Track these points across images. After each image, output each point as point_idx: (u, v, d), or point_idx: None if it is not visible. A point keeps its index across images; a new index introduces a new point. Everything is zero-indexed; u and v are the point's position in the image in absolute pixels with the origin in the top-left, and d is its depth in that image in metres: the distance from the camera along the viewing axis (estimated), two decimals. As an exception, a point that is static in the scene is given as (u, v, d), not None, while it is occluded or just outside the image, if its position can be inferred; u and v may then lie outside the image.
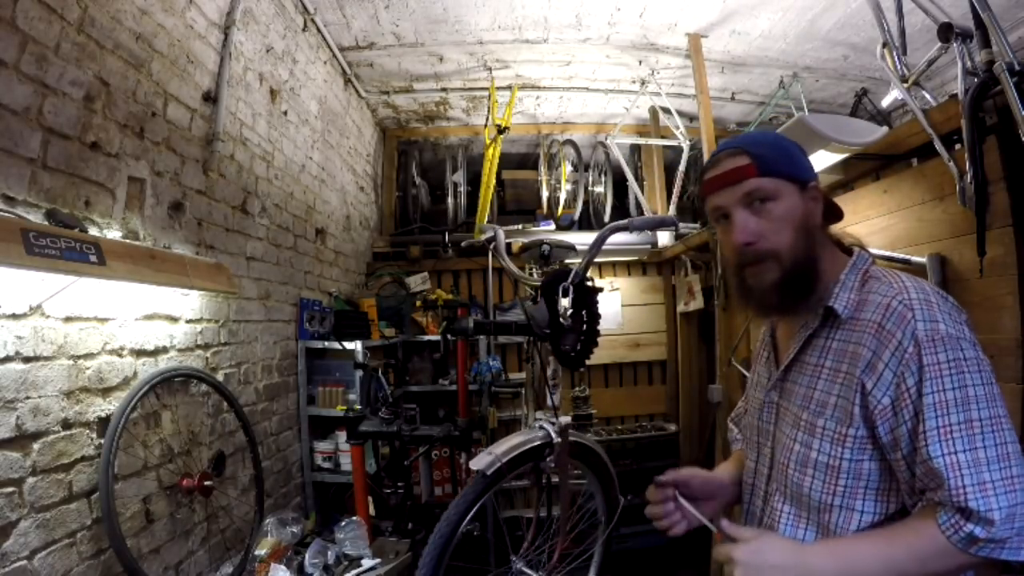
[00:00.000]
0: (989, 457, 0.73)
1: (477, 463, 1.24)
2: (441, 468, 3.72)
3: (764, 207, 0.88)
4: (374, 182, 4.53)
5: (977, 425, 0.74)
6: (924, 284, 0.83)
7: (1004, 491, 0.72)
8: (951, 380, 0.75)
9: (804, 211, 0.88)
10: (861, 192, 1.95)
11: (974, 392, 0.75)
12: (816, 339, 0.91)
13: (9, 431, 1.26)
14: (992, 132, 1.38)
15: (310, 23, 2.96)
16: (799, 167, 0.90)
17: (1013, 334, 1.35)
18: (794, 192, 0.88)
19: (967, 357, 0.76)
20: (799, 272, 0.88)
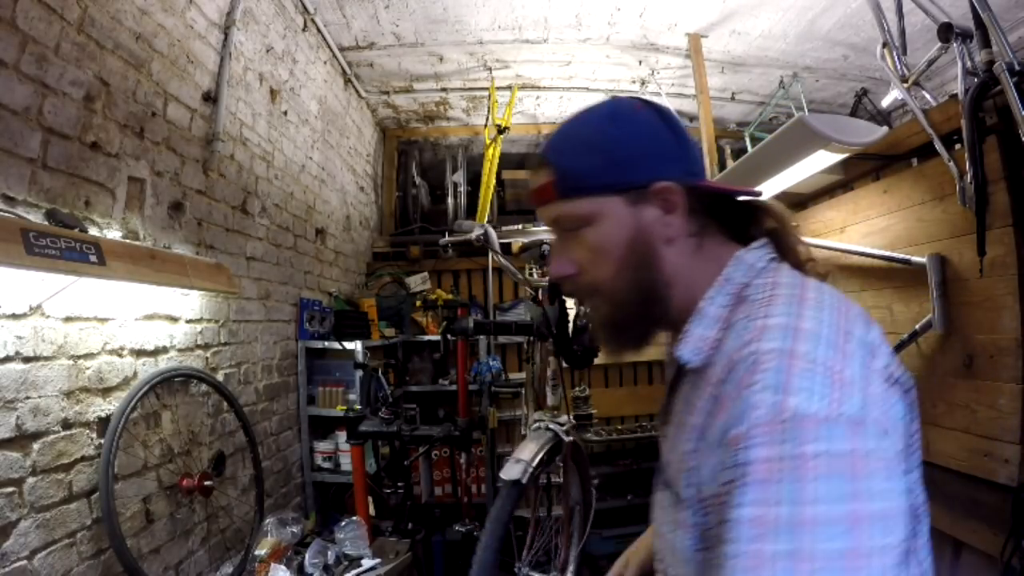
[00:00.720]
0: None
1: (509, 473, 1.23)
2: (441, 468, 3.72)
3: (578, 234, 0.65)
4: (374, 182, 4.53)
5: (807, 566, 0.43)
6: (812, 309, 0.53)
7: None
8: (785, 490, 0.45)
9: (634, 229, 0.63)
10: (861, 192, 1.95)
11: (822, 512, 0.44)
12: (678, 383, 0.67)
13: (9, 431, 1.26)
14: (992, 132, 1.38)
15: (310, 23, 2.96)
16: (627, 167, 0.63)
17: (1013, 334, 1.35)
18: (618, 206, 0.63)
19: (829, 453, 0.45)
20: (632, 312, 0.66)
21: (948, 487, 1.56)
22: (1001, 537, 1.31)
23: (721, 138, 4.19)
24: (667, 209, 0.63)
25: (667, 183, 0.62)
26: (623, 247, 0.63)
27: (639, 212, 0.63)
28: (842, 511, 0.44)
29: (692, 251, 0.65)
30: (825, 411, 0.46)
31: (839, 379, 0.48)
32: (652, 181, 0.62)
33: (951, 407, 1.54)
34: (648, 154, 0.63)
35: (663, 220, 0.63)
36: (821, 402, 0.47)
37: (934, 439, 1.59)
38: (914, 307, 1.68)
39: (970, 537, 1.45)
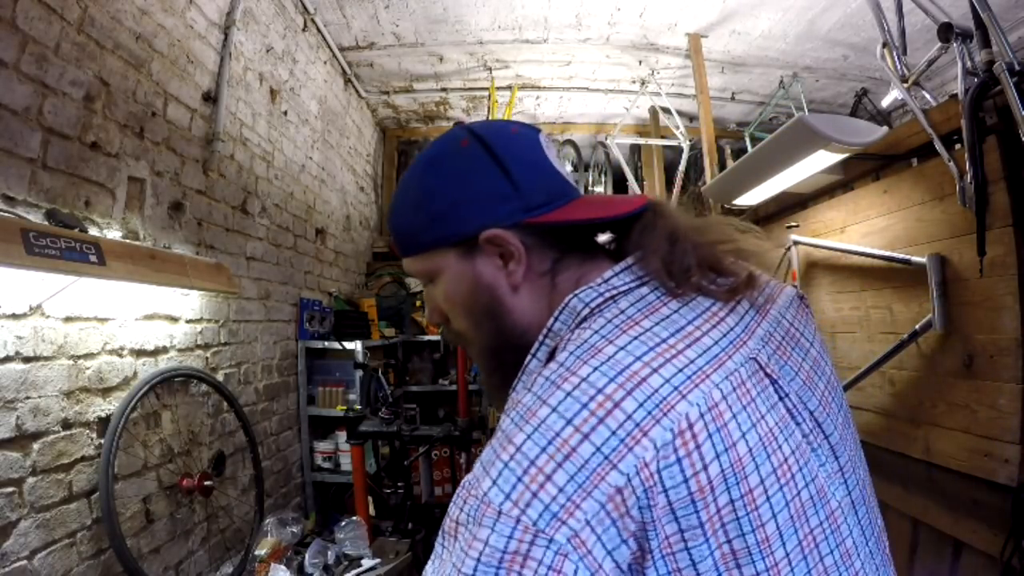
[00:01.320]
0: None
1: None
2: (441, 468, 3.72)
3: (434, 285, 0.63)
4: (374, 182, 4.53)
5: None
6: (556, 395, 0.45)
7: None
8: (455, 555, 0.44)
9: (471, 283, 0.60)
10: (861, 192, 1.95)
11: None
12: None
13: (9, 431, 1.26)
14: (992, 132, 1.38)
15: (310, 23, 2.96)
16: (448, 221, 0.59)
17: (1013, 334, 1.35)
18: (453, 260, 0.60)
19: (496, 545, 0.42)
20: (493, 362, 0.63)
21: (948, 487, 1.56)
22: (1001, 537, 1.31)
23: (721, 138, 4.19)
24: (503, 256, 0.58)
25: (494, 231, 0.56)
26: (466, 300, 0.61)
27: (473, 264, 0.59)
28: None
29: (547, 292, 0.59)
30: (504, 507, 0.42)
31: (537, 484, 0.42)
32: (479, 230, 0.57)
33: (951, 407, 1.54)
34: (469, 200, 0.58)
35: (502, 269, 0.58)
36: (503, 498, 0.43)
37: (934, 439, 1.59)
38: (914, 307, 1.68)
39: (970, 537, 1.45)
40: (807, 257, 2.22)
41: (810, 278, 2.21)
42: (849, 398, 1.63)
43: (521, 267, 0.58)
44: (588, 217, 0.59)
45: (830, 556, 0.48)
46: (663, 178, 4.53)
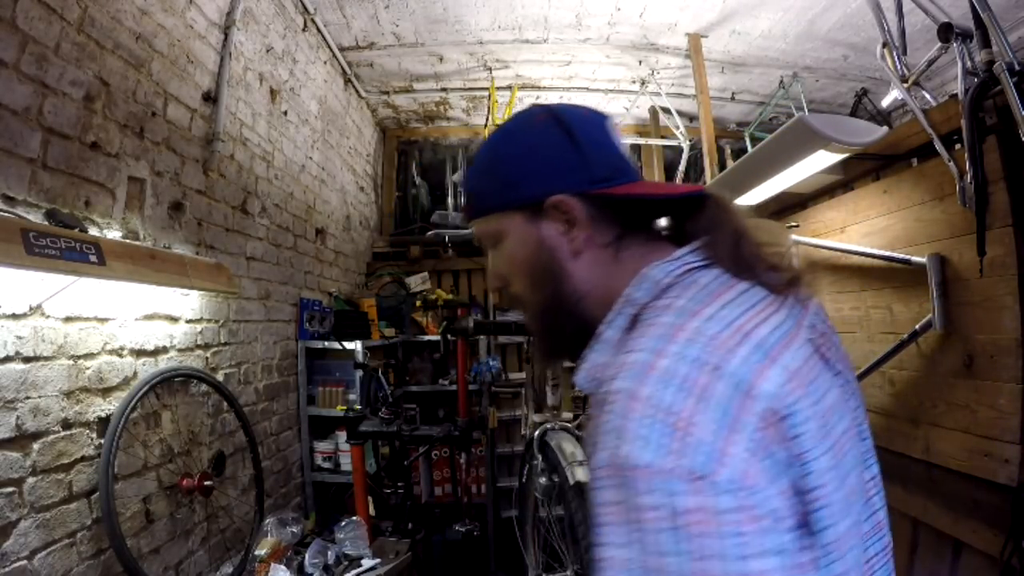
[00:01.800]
0: None
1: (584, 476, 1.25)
2: (441, 468, 3.72)
3: (497, 249, 0.67)
4: (374, 182, 4.53)
5: None
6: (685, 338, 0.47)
7: None
8: (624, 536, 0.43)
9: (534, 245, 0.63)
10: (861, 192, 1.95)
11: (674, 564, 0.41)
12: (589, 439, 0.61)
13: (9, 431, 1.26)
14: (992, 132, 1.38)
15: (310, 23, 2.96)
16: (518, 185, 0.63)
17: (1013, 334, 1.35)
18: (519, 223, 0.63)
19: (669, 507, 0.41)
20: (547, 324, 0.66)
21: (948, 487, 1.56)
22: (1001, 537, 1.31)
23: (721, 138, 4.19)
24: (567, 222, 0.61)
25: (560, 196, 0.60)
26: (528, 262, 0.64)
27: (538, 228, 0.62)
28: (691, 568, 0.41)
29: (608, 262, 0.61)
30: (659, 463, 0.41)
31: (684, 429, 0.42)
32: (545, 196, 0.61)
33: (951, 407, 1.54)
34: (538, 170, 0.62)
35: (565, 234, 0.62)
36: (654, 454, 0.42)
37: (934, 439, 1.59)
38: (914, 307, 1.68)
39: (970, 537, 1.45)
40: (807, 257, 2.22)
41: (810, 278, 2.21)
42: (849, 398, 1.56)
43: (583, 234, 0.61)
44: (649, 193, 0.64)
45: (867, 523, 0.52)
46: (663, 178, 4.53)
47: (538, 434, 1.46)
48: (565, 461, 1.30)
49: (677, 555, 0.41)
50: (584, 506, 1.25)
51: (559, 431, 1.43)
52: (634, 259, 0.60)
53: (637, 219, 0.62)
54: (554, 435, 1.42)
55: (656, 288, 0.55)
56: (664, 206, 0.64)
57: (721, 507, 0.41)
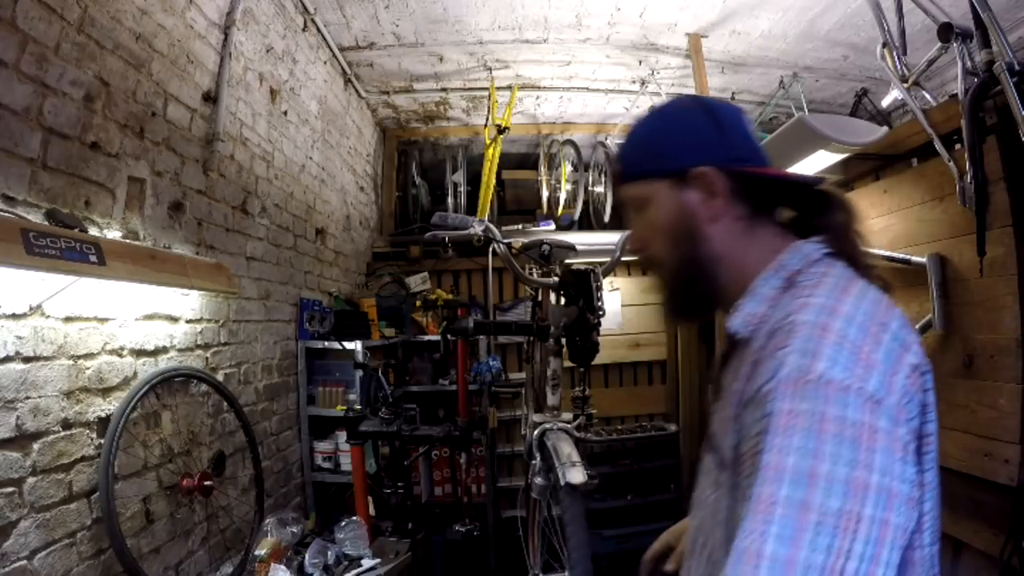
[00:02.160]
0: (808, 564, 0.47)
1: (576, 478, 1.24)
2: (441, 468, 3.73)
3: (640, 214, 0.76)
4: (374, 182, 4.53)
5: (813, 516, 0.48)
6: (853, 301, 0.57)
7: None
8: (802, 440, 0.50)
9: (677, 209, 0.71)
10: (861, 192, 1.95)
11: (830, 470, 0.49)
12: (729, 357, 0.71)
13: (9, 431, 1.26)
14: (992, 132, 1.38)
15: (310, 23, 2.96)
16: (668, 156, 0.72)
17: (1013, 334, 1.36)
18: (664, 190, 0.72)
19: (846, 419, 0.50)
20: (683, 287, 0.74)
21: (948, 487, 1.55)
22: (1001, 537, 1.31)
23: (721, 138, 4.18)
24: (708, 191, 0.70)
25: (704, 168, 0.69)
26: (670, 224, 0.72)
27: (682, 194, 0.71)
28: (846, 474, 0.49)
29: (741, 233, 0.71)
30: (847, 381, 0.51)
31: (865, 359, 0.53)
32: (691, 167, 0.70)
33: (951, 407, 1.54)
34: (687, 145, 0.72)
35: (705, 201, 0.70)
36: (844, 372, 0.52)
37: (934, 439, 1.59)
38: (914, 307, 1.68)
39: (970, 537, 1.45)
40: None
41: (810, 278, 2.21)
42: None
43: (720, 203, 0.70)
44: (780, 174, 0.74)
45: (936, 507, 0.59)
46: (663, 178, 4.53)
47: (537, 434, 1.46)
48: (559, 462, 1.30)
49: (837, 462, 0.49)
50: (573, 507, 1.24)
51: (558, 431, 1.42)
52: (768, 237, 0.71)
53: (767, 201, 0.72)
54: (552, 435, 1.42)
55: (806, 261, 0.66)
56: (789, 190, 0.74)
57: (880, 427, 0.51)
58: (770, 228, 0.71)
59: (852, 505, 0.49)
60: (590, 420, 3.67)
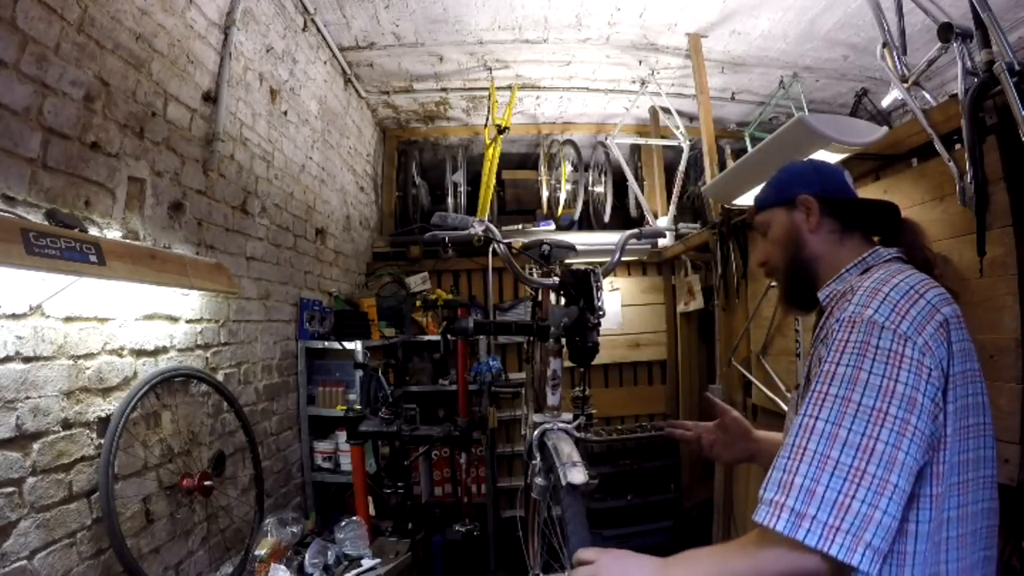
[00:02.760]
0: (845, 439, 0.72)
1: (576, 478, 1.23)
2: (441, 468, 3.73)
3: (766, 235, 1.08)
4: (374, 182, 4.53)
5: (852, 407, 0.73)
6: (901, 278, 0.82)
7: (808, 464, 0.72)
8: (850, 357, 0.76)
9: (790, 227, 1.03)
10: (861, 192, 1.95)
11: (868, 378, 0.73)
12: (816, 325, 0.94)
13: (9, 431, 1.26)
14: (992, 132, 1.38)
15: (310, 23, 2.96)
16: (785, 191, 1.05)
17: (1013, 334, 1.35)
18: (782, 214, 1.04)
19: (881, 346, 0.75)
20: (793, 279, 1.04)
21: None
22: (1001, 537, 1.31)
23: (721, 138, 4.19)
24: (808, 210, 1.01)
25: (805, 195, 1.01)
26: (783, 237, 1.04)
27: (792, 215, 1.03)
28: (880, 382, 0.74)
29: (835, 241, 0.99)
30: (885, 322, 0.77)
31: (902, 311, 0.78)
32: (797, 195, 1.02)
33: (951, 407, 1.54)
34: (796, 184, 1.04)
35: (807, 218, 1.01)
36: (884, 317, 0.77)
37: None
38: (914, 307, 1.68)
39: (970, 537, 1.45)
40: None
41: (810, 278, 2.21)
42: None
43: (816, 219, 1.00)
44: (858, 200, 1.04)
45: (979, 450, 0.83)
46: (663, 178, 4.53)
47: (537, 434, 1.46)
48: (559, 462, 1.29)
49: (874, 373, 0.74)
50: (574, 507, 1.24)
51: (558, 431, 1.42)
52: (856, 244, 0.99)
53: (853, 219, 1.00)
54: (552, 435, 1.41)
55: (880, 259, 0.94)
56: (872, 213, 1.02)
57: (907, 354, 0.75)
58: (858, 238, 0.99)
59: (882, 404, 0.72)
60: (590, 420, 3.68)
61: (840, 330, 0.79)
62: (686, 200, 4.54)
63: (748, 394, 2.79)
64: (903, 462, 0.70)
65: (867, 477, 0.69)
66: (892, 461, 0.70)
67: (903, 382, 0.73)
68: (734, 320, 2.98)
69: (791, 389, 2.29)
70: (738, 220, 2.81)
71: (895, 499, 0.70)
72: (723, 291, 3.05)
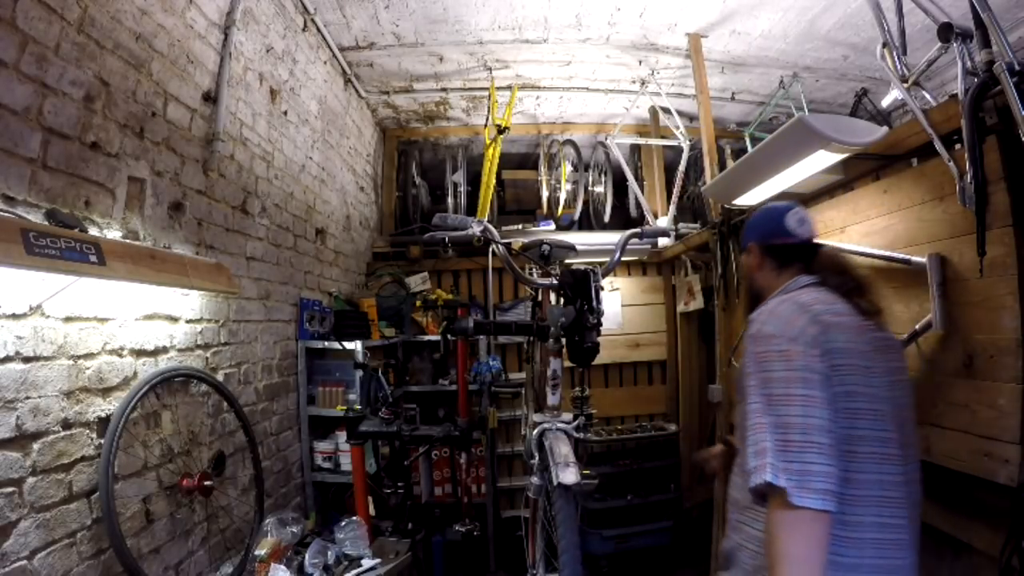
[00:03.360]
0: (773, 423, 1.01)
1: (568, 478, 1.23)
2: (441, 468, 3.73)
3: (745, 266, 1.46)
4: (374, 182, 4.53)
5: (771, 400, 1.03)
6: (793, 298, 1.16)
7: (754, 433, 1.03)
8: (759, 366, 1.07)
9: (746, 266, 1.43)
10: (861, 192, 1.95)
11: (773, 375, 1.04)
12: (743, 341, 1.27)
13: (9, 431, 1.26)
14: (992, 132, 1.38)
15: (310, 23, 2.96)
16: (744, 239, 1.43)
17: (1013, 334, 1.35)
18: (744, 256, 1.43)
19: (776, 350, 1.06)
20: (752, 303, 1.37)
21: (948, 487, 1.56)
22: (1001, 537, 1.31)
23: (721, 138, 4.19)
24: (751, 255, 1.39)
25: (751, 243, 1.39)
26: (745, 273, 1.53)
27: (747, 258, 1.41)
28: (782, 375, 1.03)
29: (773, 276, 1.33)
30: (776, 332, 1.08)
31: (790, 323, 1.08)
32: (749, 243, 1.40)
33: (951, 407, 1.54)
34: (748, 233, 1.42)
35: (753, 261, 1.38)
36: (777, 330, 1.09)
37: (934, 439, 1.59)
38: (914, 307, 1.68)
39: (970, 537, 1.45)
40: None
41: (810, 278, 2.21)
42: (849, 398, 1.50)
43: (757, 260, 1.37)
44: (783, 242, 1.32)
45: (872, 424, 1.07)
46: (663, 178, 4.53)
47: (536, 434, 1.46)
48: (553, 461, 1.29)
49: (778, 370, 1.04)
50: (566, 507, 1.24)
51: (556, 432, 1.42)
52: (789, 275, 1.30)
53: (786, 258, 1.31)
54: (550, 435, 1.41)
55: (797, 285, 1.25)
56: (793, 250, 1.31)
57: (797, 349, 1.04)
58: (794, 269, 1.29)
59: (785, 390, 1.02)
60: (590, 420, 3.68)
61: (750, 345, 1.12)
62: (686, 200, 4.53)
63: (748, 394, 2.79)
64: (817, 425, 0.97)
65: (792, 444, 0.97)
66: (807, 427, 0.97)
67: (797, 368, 1.02)
68: (734, 320, 2.98)
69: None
70: (738, 220, 2.81)
71: (822, 452, 0.96)
72: (723, 291, 3.05)
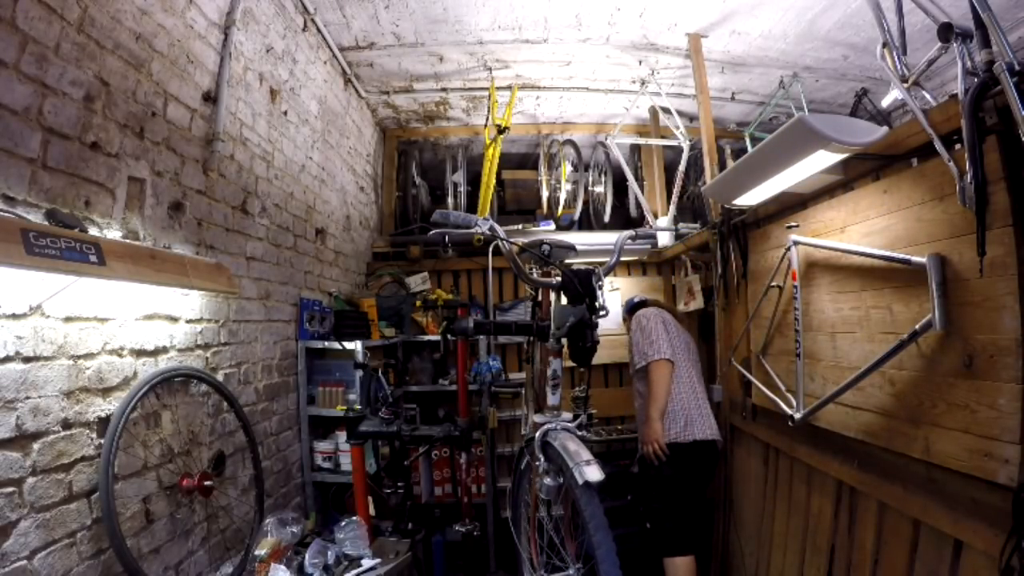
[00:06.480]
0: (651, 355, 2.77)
1: (593, 476, 1.23)
2: (441, 468, 3.72)
3: None
4: (374, 182, 4.53)
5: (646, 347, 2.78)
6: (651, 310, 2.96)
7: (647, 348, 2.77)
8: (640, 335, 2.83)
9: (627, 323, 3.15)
10: (861, 192, 1.95)
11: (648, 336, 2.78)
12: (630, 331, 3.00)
13: (9, 431, 1.26)
14: (992, 132, 1.38)
15: (310, 23, 2.96)
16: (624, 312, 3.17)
17: (1013, 334, 1.35)
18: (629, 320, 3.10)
19: (647, 325, 2.83)
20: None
21: (948, 487, 1.56)
22: (1001, 537, 1.31)
23: (721, 138, 4.19)
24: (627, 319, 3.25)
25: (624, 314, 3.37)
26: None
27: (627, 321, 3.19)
28: (653, 337, 2.80)
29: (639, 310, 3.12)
30: (644, 320, 2.91)
31: (650, 317, 2.90)
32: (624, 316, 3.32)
33: (951, 407, 1.54)
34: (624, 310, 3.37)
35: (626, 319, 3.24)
36: (646, 320, 2.89)
37: (934, 439, 1.59)
38: (914, 307, 1.68)
39: (970, 537, 1.45)
40: (807, 257, 2.22)
41: (810, 278, 2.21)
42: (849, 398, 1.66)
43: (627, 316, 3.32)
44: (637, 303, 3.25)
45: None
46: (663, 178, 4.53)
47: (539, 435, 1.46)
48: (572, 461, 1.29)
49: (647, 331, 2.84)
50: (593, 505, 1.24)
51: (561, 431, 1.42)
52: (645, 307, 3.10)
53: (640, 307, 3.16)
54: (556, 435, 1.41)
55: (629, 305, 3.29)
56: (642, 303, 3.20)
57: (655, 326, 2.85)
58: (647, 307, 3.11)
59: (655, 337, 2.78)
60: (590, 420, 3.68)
61: (634, 329, 2.90)
62: (686, 200, 4.53)
63: (748, 394, 2.79)
64: (665, 348, 2.73)
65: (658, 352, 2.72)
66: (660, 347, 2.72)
67: (657, 331, 2.78)
68: (734, 320, 2.98)
69: (791, 389, 2.29)
70: (738, 220, 2.81)
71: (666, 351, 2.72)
72: (723, 291, 3.05)
